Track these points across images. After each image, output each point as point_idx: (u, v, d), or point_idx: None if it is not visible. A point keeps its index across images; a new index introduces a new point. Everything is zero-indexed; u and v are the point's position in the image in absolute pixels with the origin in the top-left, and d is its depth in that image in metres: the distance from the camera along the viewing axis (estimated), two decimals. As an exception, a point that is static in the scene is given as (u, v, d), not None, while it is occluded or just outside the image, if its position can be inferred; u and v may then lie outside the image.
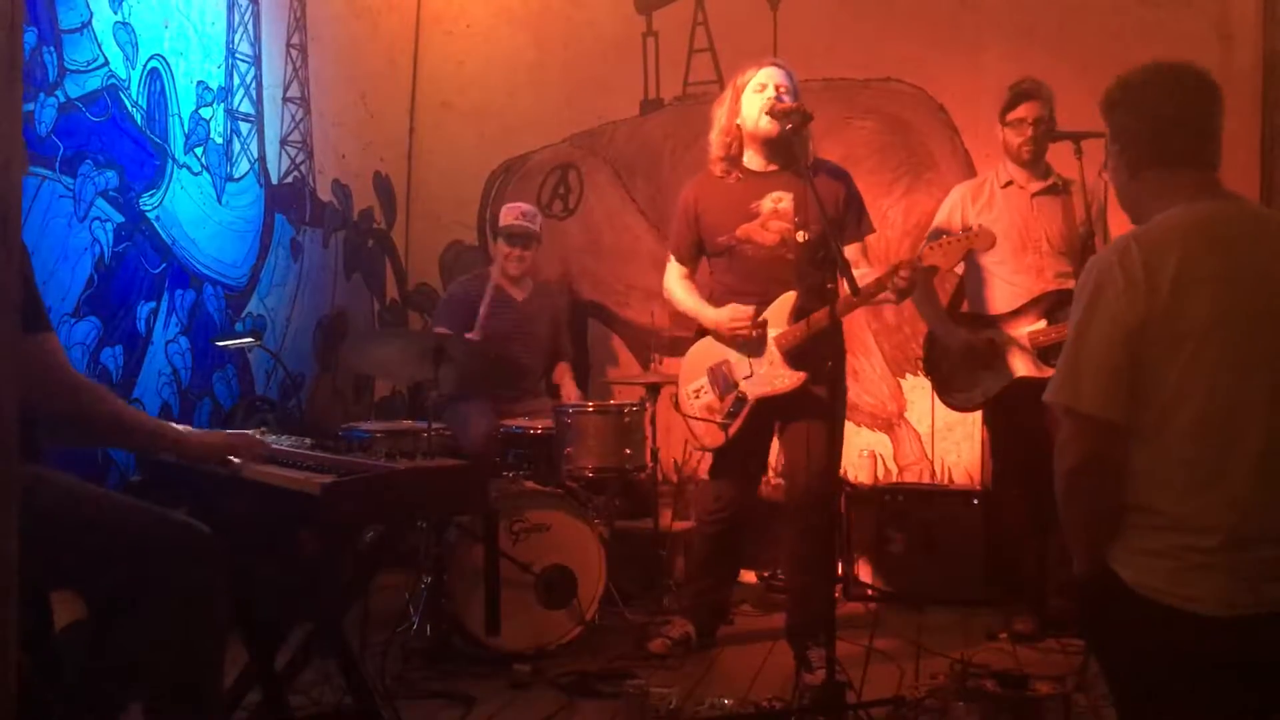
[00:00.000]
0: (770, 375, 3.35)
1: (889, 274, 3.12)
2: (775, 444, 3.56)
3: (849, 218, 3.42)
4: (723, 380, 3.42)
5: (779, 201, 3.34)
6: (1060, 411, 1.81)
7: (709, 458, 3.60)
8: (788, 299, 3.33)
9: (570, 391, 4.45)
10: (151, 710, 2.10)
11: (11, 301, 1.28)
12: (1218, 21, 4.40)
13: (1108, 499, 1.79)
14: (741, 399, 3.38)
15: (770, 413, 3.41)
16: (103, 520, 2.05)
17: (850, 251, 3.37)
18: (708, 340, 3.49)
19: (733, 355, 3.42)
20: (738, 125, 3.37)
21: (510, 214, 4.49)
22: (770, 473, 4.01)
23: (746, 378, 3.38)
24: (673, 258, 3.59)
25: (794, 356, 3.32)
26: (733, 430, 3.39)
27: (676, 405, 3.56)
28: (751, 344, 3.36)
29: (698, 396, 3.48)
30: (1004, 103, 3.76)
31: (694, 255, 3.55)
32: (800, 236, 3.31)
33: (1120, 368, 1.74)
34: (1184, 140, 1.89)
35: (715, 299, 3.47)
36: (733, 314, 3.36)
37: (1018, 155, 3.74)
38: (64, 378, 2.07)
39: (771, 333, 3.34)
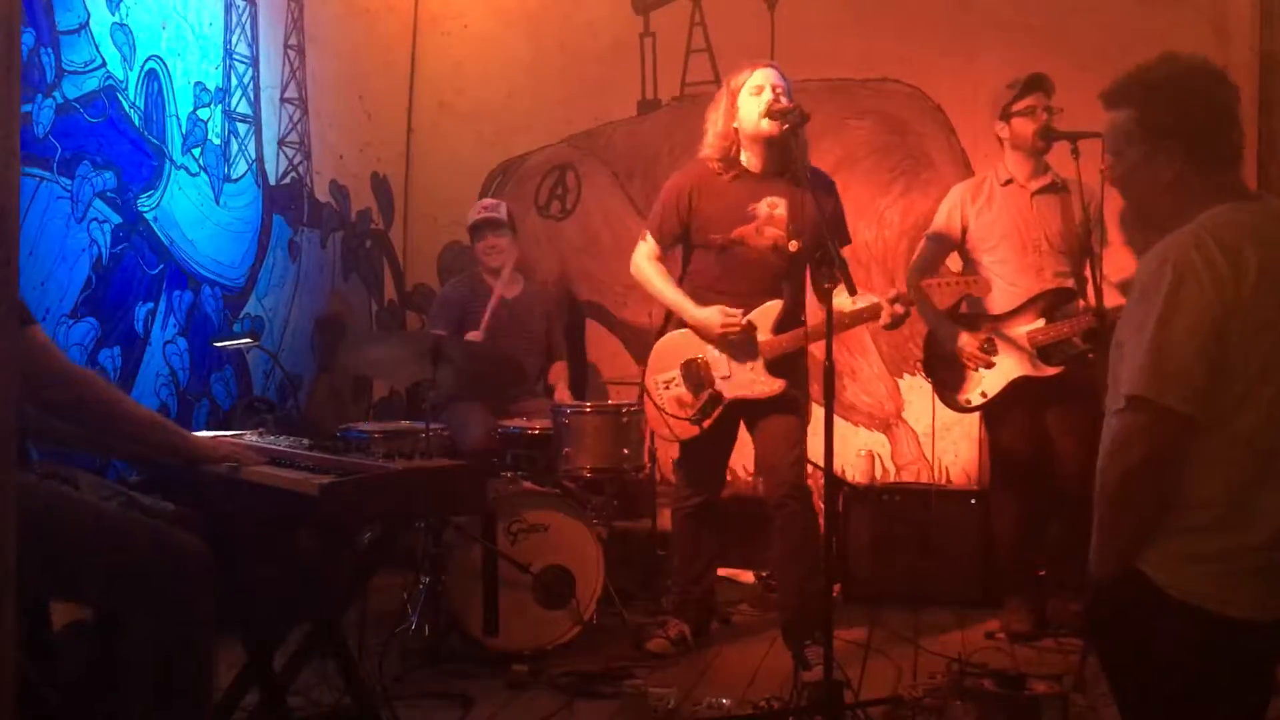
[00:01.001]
0: (750, 379, 3.37)
1: (877, 306, 3.20)
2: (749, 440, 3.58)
3: (837, 227, 3.43)
4: (697, 377, 3.42)
5: (774, 207, 3.35)
6: (1134, 405, 1.71)
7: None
8: (773, 307, 3.36)
9: (563, 395, 4.45)
10: None
11: (11, 305, 1.28)
12: (1214, 21, 4.40)
13: (1163, 496, 1.73)
14: (716, 398, 3.39)
15: (740, 411, 3.45)
16: (88, 533, 2.03)
17: None
18: (685, 333, 3.48)
19: (711, 353, 3.43)
20: (735, 129, 3.36)
21: (474, 212, 4.56)
22: (744, 472, 4.03)
23: (725, 378, 3.40)
24: (649, 237, 3.52)
25: (775, 364, 3.35)
26: (705, 425, 3.41)
27: (643, 392, 3.57)
28: (737, 345, 3.37)
29: (667, 388, 3.48)
30: (1010, 96, 3.73)
31: (674, 242, 3.52)
32: (792, 245, 3.32)
33: (1207, 361, 1.68)
34: (1230, 141, 1.85)
35: (695, 294, 3.45)
36: (724, 317, 3.34)
37: (1032, 145, 3.72)
38: (60, 367, 2.06)
39: (759, 338, 3.36)
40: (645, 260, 3.53)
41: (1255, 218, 1.77)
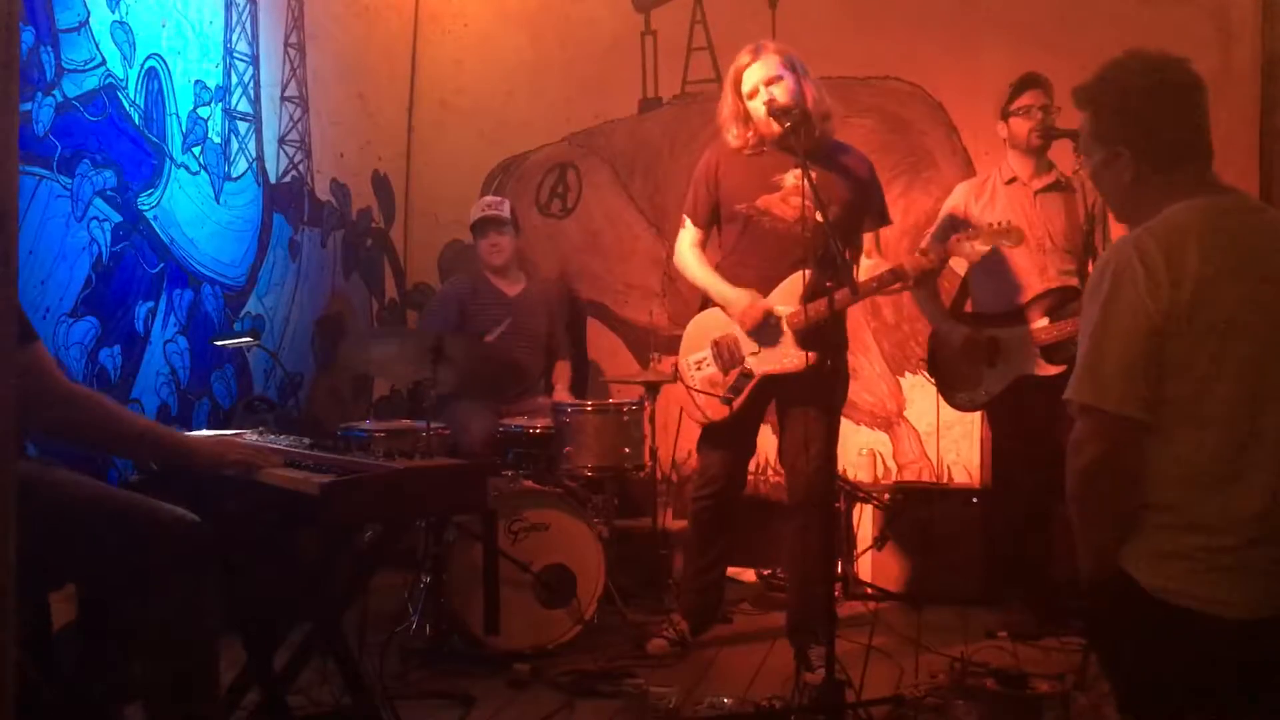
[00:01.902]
0: (779, 353, 3.32)
1: (899, 268, 3.17)
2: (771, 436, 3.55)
3: (870, 204, 3.41)
4: (728, 354, 3.39)
5: (801, 178, 3.32)
6: (1077, 409, 1.76)
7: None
8: (800, 278, 3.31)
9: (563, 395, 4.45)
10: (150, 705, 2.10)
11: (11, 302, 1.28)
12: (1217, 21, 4.39)
13: (1122, 499, 1.76)
14: (747, 375, 3.35)
15: (771, 392, 3.40)
16: (95, 513, 2.05)
17: (865, 240, 3.41)
18: (714, 311, 3.46)
19: (740, 330, 3.40)
20: (753, 123, 3.35)
21: (477, 209, 4.54)
22: (769, 471, 4.00)
23: (754, 354, 3.36)
24: (687, 221, 3.50)
25: (804, 336, 3.29)
26: (736, 405, 3.37)
27: (676, 375, 3.54)
28: (762, 327, 3.34)
29: (699, 368, 3.45)
30: (1007, 96, 3.75)
31: (710, 219, 3.48)
32: (819, 215, 3.27)
33: (1143, 363, 1.70)
34: (1182, 139, 1.85)
35: (724, 268, 3.43)
36: (751, 306, 3.30)
37: (1027, 143, 3.72)
38: (56, 388, 2.05)
39: (783, 310, 3.32)
40: (686, 247, 3.50)
41: (1204, 212, 1.78)
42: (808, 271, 3.28)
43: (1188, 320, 1.69)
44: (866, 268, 3.34)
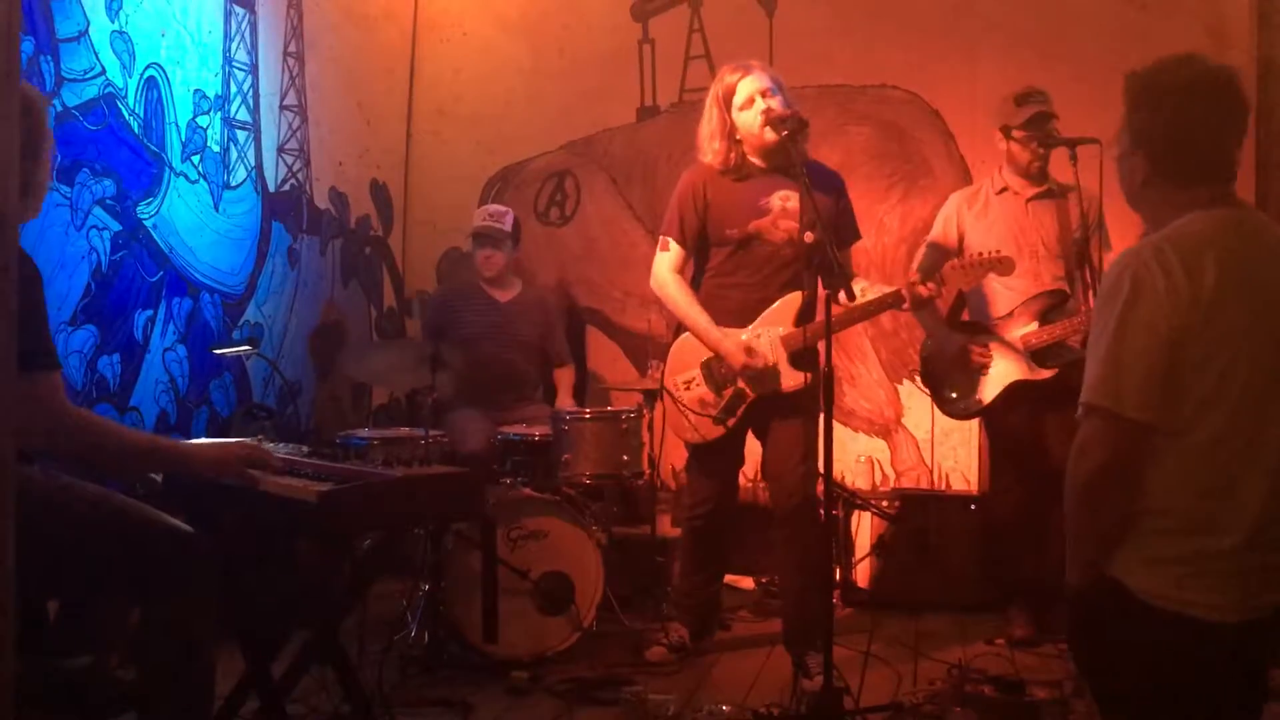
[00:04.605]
0: (774, 374, 3.32)
1: (897, 293, 3.18)
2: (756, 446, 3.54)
3: (848, 220, 3.43)
4: (719, 375, 3.38)
5: (787, 200, 3.30)
6: (1091, 412, 1.75)
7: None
8: (794, 300, 3.31)
9: (565, 399, 4.45)
10: (144, 714, 2.10)
11: (10, 310, 1.29)
12: (1212, 27, 4.41)
13: (1123, 503, 1.75)
14: (741, 395, 3.35)
15: (759, 407, 3.38)
16: (91, 522, 2.05)
17: (844, 258, 3.40)
18: None
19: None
20: (738, 140, 3.34)
21: (478, 216, 4.51)
22: (743, 477, 4.01)
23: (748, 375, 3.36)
24: (670, 242, 3.41)
25: (798, 357, 3.30)
26: (731, 424, 3.36)
27: (662, 393, 3.50)
28: (760, 368, 3.33)
29: (688, 388, 3.42)
30: (1011, 112, 3.71)
31: (695, 241, 3.41)
32: (806, 237, 3.27)
33: (1160, 370, 1.70)
34: (1204, 160, 1.84)
35: (715, 291, 3.41)
36: (748, 358, 3.27)
37: (1027, 170, 3.74)
38: (70, 418, 2.05)
39: (778, 331, 3.32)
40: (668, 273, 3.40)
41: (1221, 226, 1.78)
42: (803, 294, 3.29)
43: (1202, 332, 1.70)
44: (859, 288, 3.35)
